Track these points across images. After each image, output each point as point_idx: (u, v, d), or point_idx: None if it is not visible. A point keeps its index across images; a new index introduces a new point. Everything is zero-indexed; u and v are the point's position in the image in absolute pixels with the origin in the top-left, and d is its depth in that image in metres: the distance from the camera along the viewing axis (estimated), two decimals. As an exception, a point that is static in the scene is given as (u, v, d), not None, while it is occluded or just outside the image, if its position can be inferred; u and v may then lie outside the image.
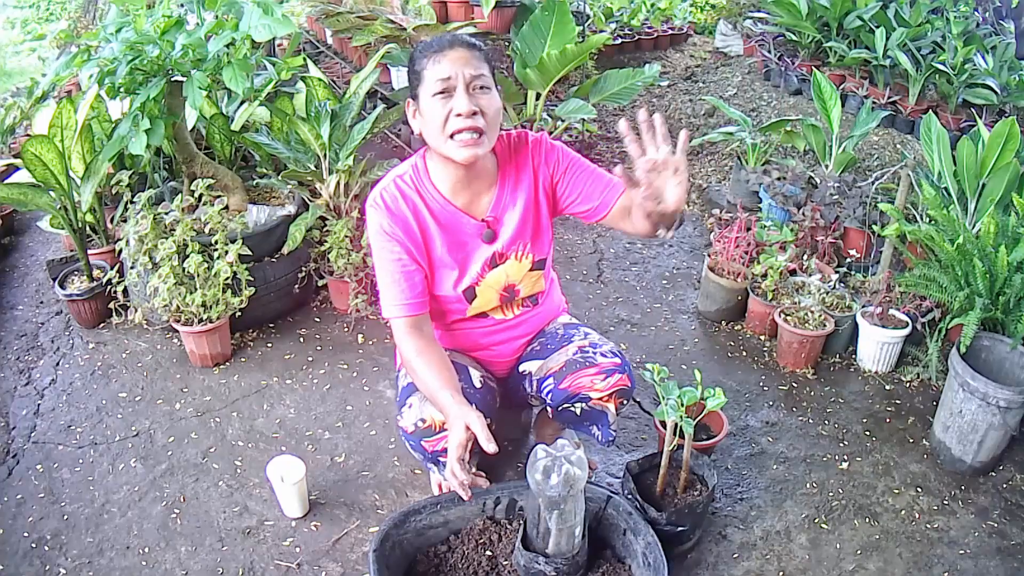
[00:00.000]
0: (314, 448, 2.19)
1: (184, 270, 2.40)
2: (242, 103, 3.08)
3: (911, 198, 2.80)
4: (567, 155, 1.74)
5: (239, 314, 2.53)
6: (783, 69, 5.17)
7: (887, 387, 2.51)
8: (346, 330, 2.74)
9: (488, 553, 1.68)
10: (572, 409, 1.78)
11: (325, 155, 2.76)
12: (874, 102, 4.33)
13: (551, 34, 3.64)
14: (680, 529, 1.76)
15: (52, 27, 7.14)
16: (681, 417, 1.71)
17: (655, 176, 1.34)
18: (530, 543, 1.60)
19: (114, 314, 2.70)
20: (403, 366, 1.77)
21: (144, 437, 2.23)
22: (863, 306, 2.60)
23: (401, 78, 4.38)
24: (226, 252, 2.41)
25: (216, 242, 2.43)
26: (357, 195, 2.78)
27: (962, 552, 1.89)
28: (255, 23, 2.14)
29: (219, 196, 2.62)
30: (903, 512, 2.01)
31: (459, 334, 1.86)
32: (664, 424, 1.81)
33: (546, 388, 1.79)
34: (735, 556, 1.86)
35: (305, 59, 3.00)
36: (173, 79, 2.34)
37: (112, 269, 2.63)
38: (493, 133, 1.58)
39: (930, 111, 3.19)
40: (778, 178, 3.36)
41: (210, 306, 2.44)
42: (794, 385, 2.51)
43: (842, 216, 3.04)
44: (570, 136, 4.38)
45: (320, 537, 1.89)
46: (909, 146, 4.23)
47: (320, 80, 3.14)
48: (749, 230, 2.83)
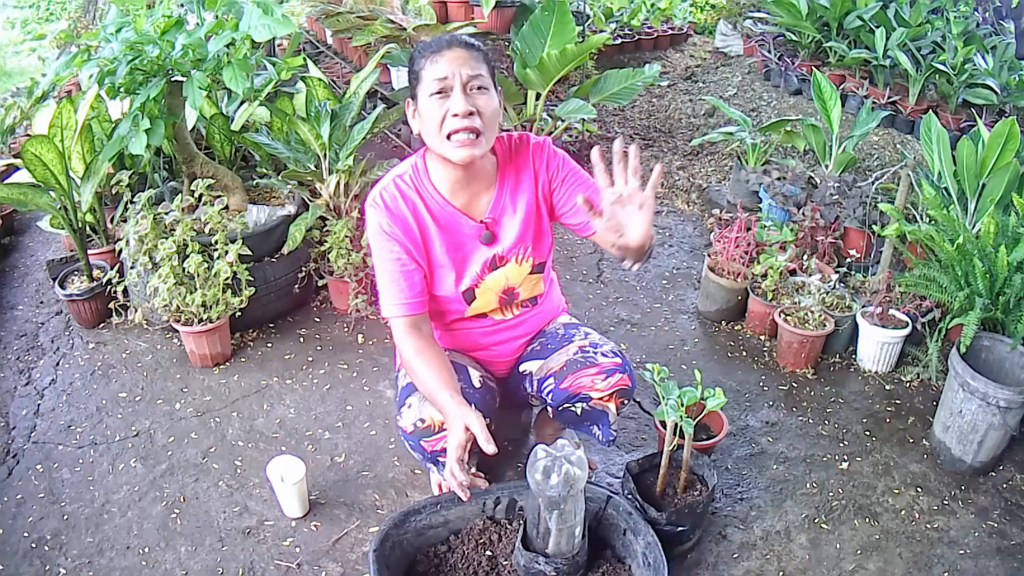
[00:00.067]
0: (314, 448, 2.19)
1: (184, 270, 2.40)
2: (242, 103, 3.08)
3: (911, 198, 2.80)
4: (567, 165, 1.73)
5: (239, 314, 2.53)
6: (783, 69, 5.17)
7: (887, 387, 2.51)
8: (346, 330, 2.74)
9: (488, 553, 1.68)
10: (572, 409, 1.78)
11: (325, 155, 2.76)
12: (874, 102, 4.33)
13: (551, 34, 3.64)
14: (680, 529, 1.76)
15: (52, 27, 7.15)
16: (681, 417, 1.71)
17: (619, 209, 1.33)
18: (530, 543, 1.60)
19: (114, 314, 2.70)
20: (402, 366, 1.77)
21: (144, 437, 2.23)
22: (863, 306, 2.60)
23: (401, 78, 4.38)
24: (226, 252, 2.41)
25: (216, 242, 2.43)
26: (357, 195, 2.78)
27: (962, 552, 1.89)
28: (255, 23, 2.14)
29: (219, 196, 2.62)
30: (903, 512, 2.01)
31: (459, 334, 1.86)
32: (664, 424, 1.81)
33: (546, 388, 1.79)
34: (735, 556, 1.86)
35: (305, 59, 3.00)
36: (173, 79, 2.34)
37: (112, 269, 2.63)
38: (491, 133, 1.57)
39: (930, 111, 3.19)
40: (778, 178, 3.36)
41: (210, 306, 2.44)
42: (794, 385, 2.51)
43: (842, 216, 3.04)
44: (570, 136, 4.37)
45: (320, 537, 1.89)
46: (909, 146, 4.23)
47: (320, 80, 3.14)
48: (749, 230, 2.83)
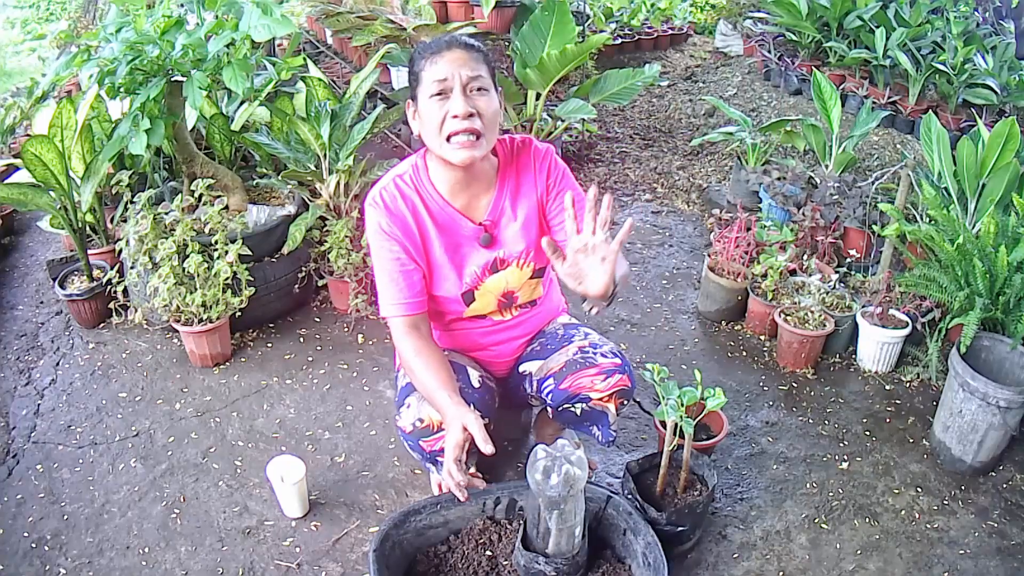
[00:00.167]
0: (314, 448, 2.19)
1: (184, 270, 2.40)
2: (242, 103, 3.08)
3: (911, 198, 2.80)
4: (566, 180, 1.72)
5: (239, 314, 2.53)
6: (783, 69, 5.17)
7: (887, 387, 2.51)
8: (346, 330, 2.74)
9: (488, 553, 1.68)
10: (572, 409, 1.78)
11: (325, 155, 2.76)
12: (874, 102, 4.33)
13: (551, 34, 3.64)
14: (680, 529, 1.76)
15: (52, 27, 7.15)
16: (681, 417, 1.71)
17: (582, 258, 1.34)
18: (530, 543, 1.60)
19: (114, 314, 2.70)
20: (402, 366, 1.77)
21: (144, 437, 2.23)
22: (863, 306, 2.60)
23: (401, 78, 4.38)
24: (226, 252, 2.41)
25: (216, 242, 2.43)
26: (357, 195, 2.78)
27: (962, 552, 1.89)
28: (255, 23, 2.14)
29: (219, 196, 2.62)
30: (903, 512, 2.01)
31: (458, 334, 1.86)
32: (664, 424, 1.81)
33: (546, 388, 1.79)
34: (735, 556, 1.86)
35: (305, 59, 3.00)
36: (173, 79, 2.34)
37: (112, 269, 2.63)
38: (491, 135, 1.57)
39: (930, 111, 3.19)
40: (778, 178, 3.36)
41: (210, 306, 2.44)
42: (794, 385, 2.51)
43: (842, 216, 3.04)
44: (570, 136, 4.38)
45: (320, 537, 1.89)
46: (909, 146, 4.23)
47: (320, 80, 3.14)
48: (749, 230, 2.83)
